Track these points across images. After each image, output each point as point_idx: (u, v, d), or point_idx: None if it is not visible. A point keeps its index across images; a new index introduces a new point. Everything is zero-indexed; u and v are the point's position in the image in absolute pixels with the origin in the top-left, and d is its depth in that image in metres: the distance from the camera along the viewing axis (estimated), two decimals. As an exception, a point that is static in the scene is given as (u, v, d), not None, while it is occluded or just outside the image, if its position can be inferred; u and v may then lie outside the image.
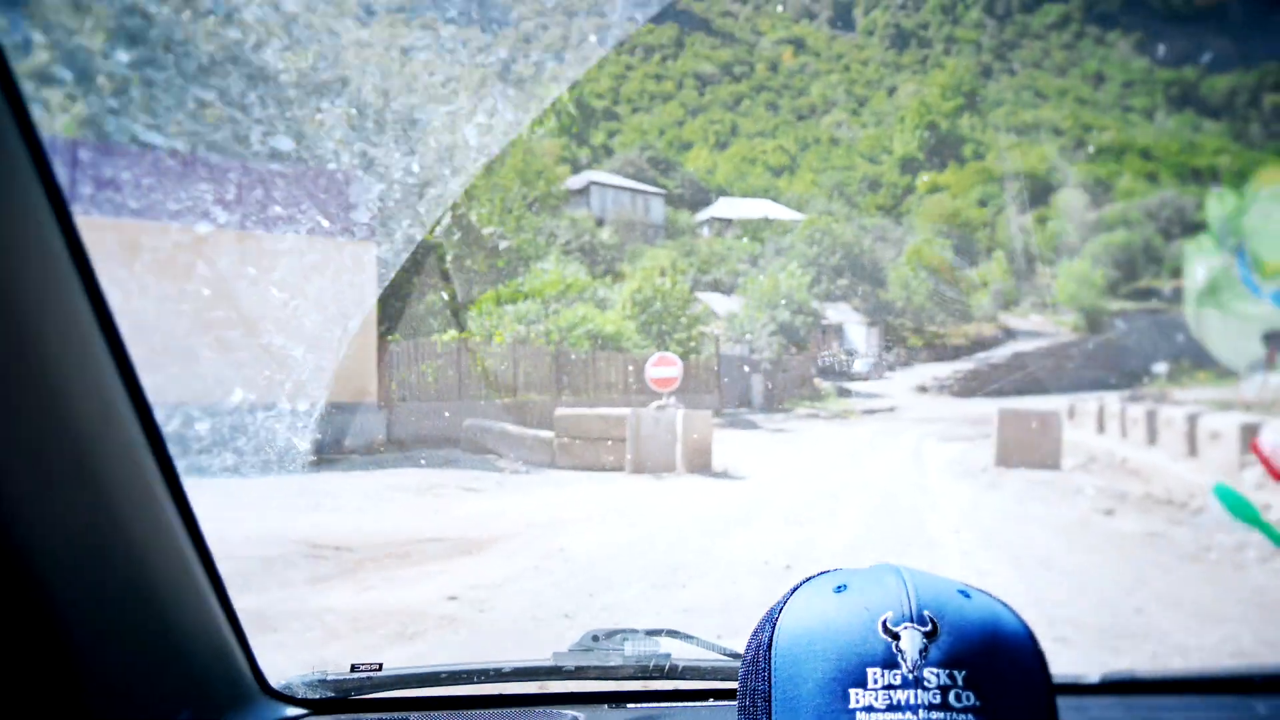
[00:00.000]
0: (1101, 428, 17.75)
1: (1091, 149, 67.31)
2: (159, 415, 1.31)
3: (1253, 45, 71.63)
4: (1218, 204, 19.38)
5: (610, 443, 14.72)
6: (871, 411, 26.07)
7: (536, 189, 27.95)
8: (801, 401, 26.18)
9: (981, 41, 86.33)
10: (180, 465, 1.36)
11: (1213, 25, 78.64)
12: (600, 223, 38.15)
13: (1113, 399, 20.29)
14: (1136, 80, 79.05)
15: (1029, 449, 14.84)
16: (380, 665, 1.77)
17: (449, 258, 19.10)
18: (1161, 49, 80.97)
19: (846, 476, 14.49)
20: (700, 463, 14.55)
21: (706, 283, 35.88)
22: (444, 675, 1.80)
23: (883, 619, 0.92)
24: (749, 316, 27.85)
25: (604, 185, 43.03)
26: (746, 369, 25.24)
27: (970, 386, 32.24)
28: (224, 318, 8.40)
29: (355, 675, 1.75)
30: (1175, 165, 63.11)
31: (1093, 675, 1.88)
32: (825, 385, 28.97)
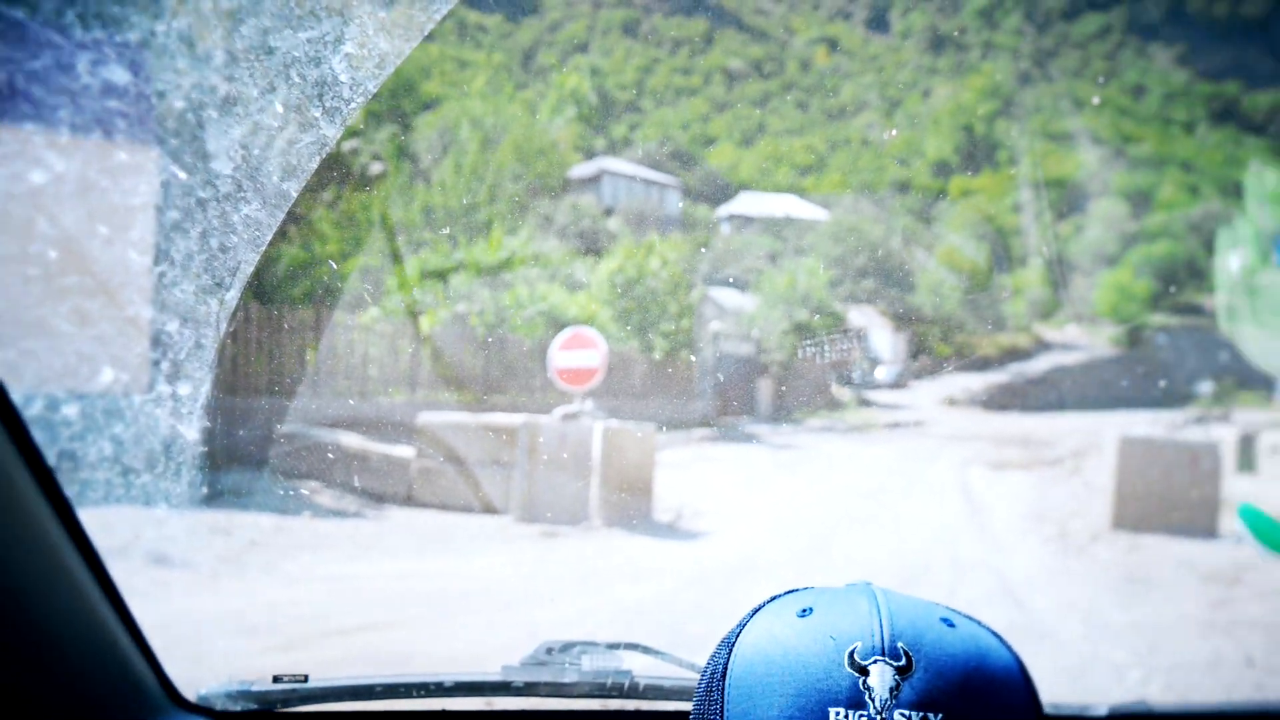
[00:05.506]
0: (1248, 463, 12.48)
1: (1130, 159, 66.41)
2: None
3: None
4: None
5: (498, 467, 9.65)
6: (896, 425, 23.61)
7: (535, 168, 25.46)
8: (816, 411, 23.57)
9: (1020, 48, 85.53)
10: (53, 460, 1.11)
11: (1256, 41, 77.13)
12: (609, 212, 35.96)
13: (1174, 418, 17.46)
14: (1177, 93, 78.20)
15: (1169, 501, 10.04)
16: (306, 676, 1.64)
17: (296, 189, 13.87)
18: (1203, 63, 80.00)
19: (867, 538, 9.79)
20: (633, 506, 9.74)
21: (721, 279, 33.89)
22: (379, 689, 1.68)
23: (850, 650, 0.81)
24: (761, 313, 25.24)
25: (617, 174, 40.82)
26: (751, 371, 22.12)
27: (1004, 400, 30.49)
28: (79, 284, 6.14)
29: (280, 686, 1.63)
30: (1218, 179, 61.49)
31: (1099, 707, 1.69)
32: (844, 393, 26.68)
